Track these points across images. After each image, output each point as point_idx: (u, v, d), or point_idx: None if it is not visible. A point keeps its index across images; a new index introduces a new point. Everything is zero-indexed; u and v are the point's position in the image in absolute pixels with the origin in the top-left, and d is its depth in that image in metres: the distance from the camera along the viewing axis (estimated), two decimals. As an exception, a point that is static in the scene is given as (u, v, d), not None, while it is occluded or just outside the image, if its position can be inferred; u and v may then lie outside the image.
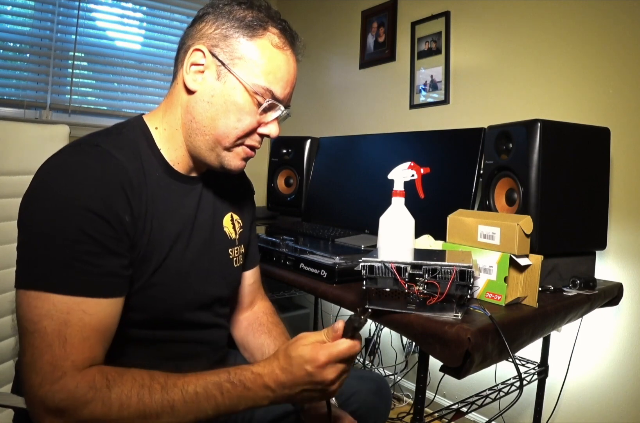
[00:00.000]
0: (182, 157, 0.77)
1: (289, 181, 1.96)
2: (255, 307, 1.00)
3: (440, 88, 1.84)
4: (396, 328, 0.87)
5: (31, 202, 0.63)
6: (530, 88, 1.55)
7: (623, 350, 1.33)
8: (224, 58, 0.71)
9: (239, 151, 0.76)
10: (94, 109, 2.23)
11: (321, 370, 0.62)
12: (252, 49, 0.71)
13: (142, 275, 0.69)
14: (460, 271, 0.75)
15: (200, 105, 0.72)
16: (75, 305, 0.59)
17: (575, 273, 1.14)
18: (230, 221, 0.88)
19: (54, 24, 2.09)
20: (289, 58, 0.75)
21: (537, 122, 1.05)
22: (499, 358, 0.86)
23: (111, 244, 0.63)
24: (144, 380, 0.60)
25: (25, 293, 0.59)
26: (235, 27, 0.71)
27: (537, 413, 1.35)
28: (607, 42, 1.37)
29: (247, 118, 0.73)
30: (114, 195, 0.64)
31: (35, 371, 0.57)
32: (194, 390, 0.60)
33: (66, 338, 0.58)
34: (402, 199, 1.01)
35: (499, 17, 1.65)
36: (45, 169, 0.65)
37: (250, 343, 0.94)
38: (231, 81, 0.71)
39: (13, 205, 1.01)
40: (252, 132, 0.75)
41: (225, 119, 0.72)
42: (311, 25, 2.55)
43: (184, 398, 0.59)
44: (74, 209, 0.60)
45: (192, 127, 0.74)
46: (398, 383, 1.98)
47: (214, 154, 0.75)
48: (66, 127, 1.12)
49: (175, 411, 0.59)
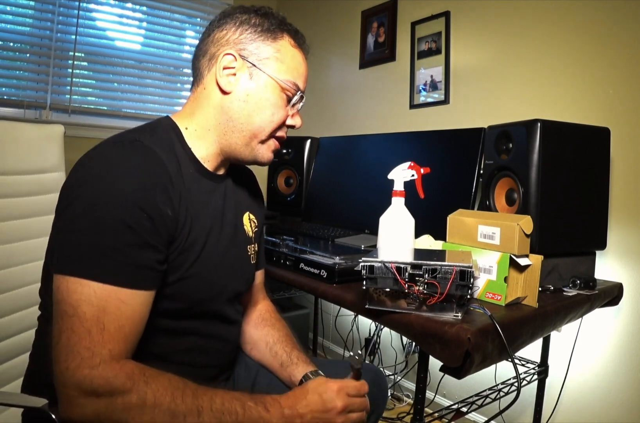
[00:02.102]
0: (213, 156, 0.82)
1: (289, 181, 1.96)
2: (258, 306, 1.02)
3: (440, 88, 1.84)
4: (396, 328, 0.87)
5: (75, 192, 0.65)
6: (530, 88, 1.55)
7: (623, 350, 1.33)
8: (253, 60, 0.78)
9: (271, 143, 0.83)
10: (94, 109, 2.23)
11: (333, 396, 0.72)
12: (277, 50, 0.79)
13: (181, 265, 0.72)
14: (460, 271, 0.75)
15: (236, 104, 0.79)
16: (113, 293, 0.62)
17: (575, 273, 1.14)
18: (248, 219, 0.93)
19: (54, 24, 2.09)
20: (303, 56, 0.84)
21: (537, 122, 1.05)
22: (499, 358, 0.86)
23: (150, 238, 0.65)
24: (178, 383, 0.63)
25: (65, 277, 0.62)
26: (257, 32, 0.79)
27: (537, 413, 1.35)
28: (607, 42, 1.37)
29: (280, 112, 0.81)
30: (155, 189, 0.67)
31: (72, 354, 0.59)
32: (221, 401, 0.64)
33: (104, 324, 0.60)
34: (402, 199, 1.02)
35: (499, 17, 1.66)
36: (87, 162, 0.68)
37: (254, 335, 0.96)
38: (263, 79, 0.79)
39: (13, 205, 1.01)
40: (283, 124, 0.83)
41: (261, 115, 0.79)
42: (311, 25, 2.55)
43: (211, 407, 0.63)
44: (117, 201, 0.63)
45: (229, 126, 0.79)
46: (398, 383, 1.98)
47: (249, 149, 0.81)
48: (61, 127, 1.13)
49: (200, 417, 0.62)
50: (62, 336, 0.60)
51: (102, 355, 0.59)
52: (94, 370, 0.58)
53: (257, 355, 0.95)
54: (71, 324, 0.60)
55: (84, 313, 0.60)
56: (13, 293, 1.01)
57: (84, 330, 0.59)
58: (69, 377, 0.58)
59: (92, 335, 0.60)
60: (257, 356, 0.95)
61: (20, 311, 1.03)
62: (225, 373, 0.89)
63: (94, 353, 0.59)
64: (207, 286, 0.77)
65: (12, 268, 1.01)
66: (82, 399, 0.58)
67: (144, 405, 0.59)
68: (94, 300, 0.61)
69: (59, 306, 0.62)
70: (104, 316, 0.61)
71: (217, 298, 0.81)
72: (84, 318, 0.60)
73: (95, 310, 0.60)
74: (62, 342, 0.60)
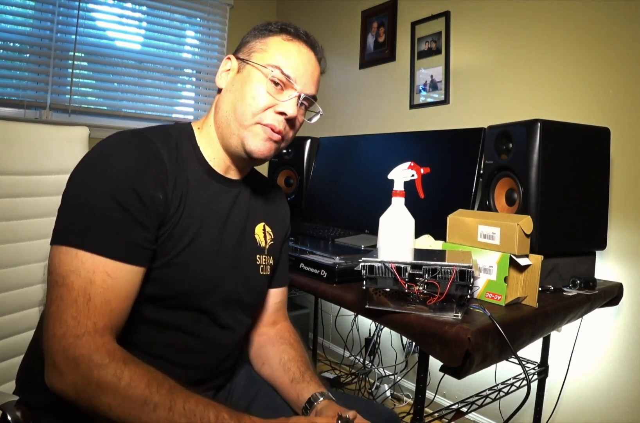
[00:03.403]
0: (217, 152, 0.83)
1: (289, 181, 1.96)
2: (278, 326, 0.98)
3: (440, 88, 1.84)
4: (396, 328, 0.87)
5: (74, 174, 0.71)
6: (530, 88, 1.55)
7: (623, 350, 1.33)
8: (244, 56, 0.82)
9: (258, 131, 0.79)
10: (94, 109, 2.23)
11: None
12: (265, 43, 0.81)
13: (168, 252, 0.73)
14: (460, 271, 0.75)
15: (225, 96, 0.82)
16: (100, 265, 0.65)
17: (575, 273, 1.14)
18: (262, 230, 0.92)
19: (54, 24, 2.09)
20: (299, 48, 0.82)
21: (537, 122, 1.05)
22: (499, 358, 0.86)
23: (139, 216, 0.68)
24: (157, 374, 0.63)
25: (57, 248, 0.66)
26: (255, 35, 0.83)
27: (537, 413, 1.35)
28: (607, 43, 1.37)
29: (262, 97, 0.79)
30: (147, 173, 0.70)
31: (60, 322, 0.62)
32: (196, 403, 0.62)
33: (90, 296, 0.63)
34: (402, 199, 1.02)
35: (499, 17, 1.66)
36: (91, 149, 0.74)
37: (269, 351, 0.92)
38: (248, 69, 0.81)
39: (13, 205, 1.01)
40: (267, 109, 0.79)
41: (242, 101, 0.79)
42: (311, 25, 2.55)
43: (184, 405, 0.61)
44: (108, 181, 0.68)
45: (221, 119, 0.81)
46: (398, 383, 1.98)
47: (236, 137, 0.80)
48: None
49: (171, 412, 0.60)
50: (52, 305, 0.63)
51: (87, 326, 0.61)
52: (77, 339, 0.60)
53: (267, 370, 0.91)
54: (60, 293, 0.63)
55: (72, 283, 0.63)
56: (13, 294, 1.01)
57: (71, 299, 0.62)
58: (55, 343, 0.61)
59: (79, 304, 0.62)
60: (267, 372, 0.91)
61: (22, 311, 1.02)
62: (211, 382, 0.85)
63: (79, 322, 0.61)
64: (195, 279, 0.76)
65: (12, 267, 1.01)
66: (64, 367, 0.60)
67: (118, 384, 0.59)
68: (82, 271, 0.63)
69: (51, 277, 0.65)
70: (90, 288, 0.63)
71: (208, 295, 0.79)
72: (71, 288, 0.63)
73: (82, 281, 0.63)
74: (52, 311, 0.63)
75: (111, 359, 0.61)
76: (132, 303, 0.69)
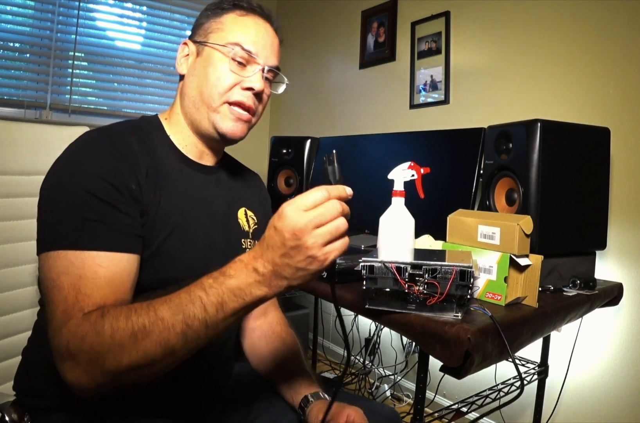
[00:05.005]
0: (189, 139, 0.83)
1: (289, 181, 1.96)
2: (269, 316, 0.98)
3: (440, 88, 1.83)
4: (396, 328, 0.87)
5: (44, 182, 0.69)
6: (530, 88, 1.55)
7: (623, 350, 1.33)
8: (200, 39, 0.81)
9: (226, 112, 0.79)
10: (94, 109, 2.23)
11: (284, 219, 0.53)
12: (220, 22, 0.80)
13: (152, 241, 0.72)
14: (460, 271, 0.75)
15: (188, 81, 0.81)
16: (89, 259, 0.63)
17: (575, 273, 1.14)
18: (244, 214, 0.92)
19: (54, 24, 2.09)
20: (256, 21, 0.81)
21: (537, 122, 1.05)
22: (499, 358, 0.86)
23: (119, 206, 0.67)
24: (135, 304, 0.60)
25: (45, 255, 0.64)
26: (208, 16, 0.82)
27: (537, 413, 1.35)
28: (607, 42, 1.37)
29: (226, 75, 0.78)
30: (118, 165, 0.69)
31: (54, 321, 0.60)
32: (178, 296, 0.57)
33: (80, 289, 0.61)
34: (402, 199, 1.01)
35: (499, 17, 1.65)
36: (60, 155, 0.72)
37: (263, 349, 0.93)
38: (207, 50, 0.80)
39: (13, 205, 1.01)
40: (234, 87, 0.79)
41: (207, 83, 0.79)
42: (311, 25, 2.55)
43: (170, 307, 0.57)
44: (80, 177, 0.66)
45: (189, 105, 0.81)
46: (398, 383, 1.98)
47: (207, 121, 0.80)
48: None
49: (162, 323, 0.56)
50: (47, 310, 0.62)
51: (73, 313, 0.59)
52: (63, 328, 0.58)
53: (263, 370, 0.91)
54: (52, 296, 0.62)
55: (61, 284, 0.61)
56: (12, 293, 1.01)
57: (62, 298, 0.61)
58: (53, 341, 0.59)
59: (68, 300, 0.60)
60: (263, 371, 0.91)
61: (22, 311, 1.02)
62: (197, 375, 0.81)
63: (69, 315, 0.59)
64: (187, 266, 0.75)
65: (12, 267, 1.01)
66: (66, 365, 0.58)
67: (103, 339, 0.56)
68: (72, 269, 0.62)
69: (43, 284, 0.63)
70: (80, 282, 0.61)
71: None
72: (61, 288, 0.61)
73: (72, 278, 0.61)
74: (48, 317, 0.62)
75: (89, 324, 0.57)
76: (130, 286, 0.66)
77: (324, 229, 0.54)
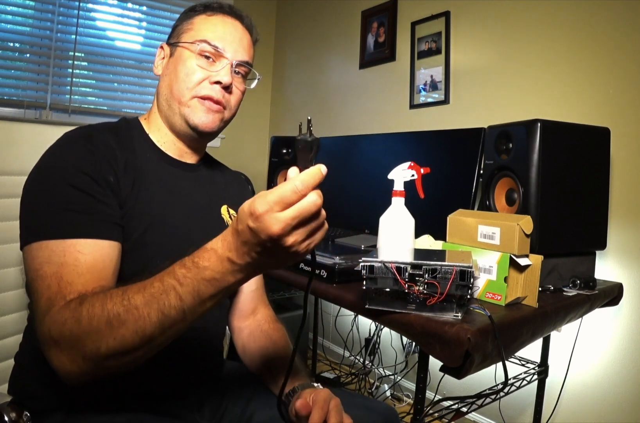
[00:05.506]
0: (166, 136, 0.85)
1: (289, 181, 1.96)
2: (258, 315, 0.98)
3: (440, 88, 1.84)
4: (396, 328, 0.87)
5: (27, 177, 0.72)
6: (530, 88, 1.55)
7: (623, 350, 1.33)
8: (173, 40, 0.85)
9: (196, 105, 0.81)
10: (94, 109, 2.23)
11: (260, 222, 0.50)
12: (191, 22, 0.84)
13: (132, 232, 0.74)
14: (460, 271, 0.75)
15: (161, 81, 0.85)
16: (70, 247, 0.64)
17: (575, 273, 1.14)
18: (227, 211, 0.93)
19: (54, 24, 2.09)
20: (224, 19, 0.84)
21: (537, 122, 1.05)
22: (499, 358, 0.85)
23: (98, 195, 0.69)
24: (112, 290, 0.59)
25: (28, 248, 0.66)
26: (182, 19, 0.86)
27: (537, 413, 1.35)
28: (607, 42, 1.37)
29: (195, 71, 0.81)
30: (95, 158, 0.71)
31: (37, 313, 0.61)
32: (151, 286, 0.56)
33: (62, 276, 0.62)
34: (402, 199, 1.01)
35: (499, 17, 1.66)
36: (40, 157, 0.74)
37: (252, 348, 0.93)
38: (179, 50, 0.83)
39: (13, 205, 1.01)
40: (202, 82, 0.81)
41: (178, 80, 0.81)
42: (311, 25, 2.55)
43: (143, 297, 0.56)
44: (60, 170, 0.69)
45: (162, 103, 0.84)
46: (398, 383, 1.98)
47: (178, 116, 0.82)
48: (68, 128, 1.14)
49: (138, 312, 0.55)
50: (32, 300, 0.63)
51: (56, 301, 0.60)
52: (46, 316, 0.59)
53: (254, 369, 0.91)
54: (36, 286, 0.63)
55: (44, 273, 0.62)
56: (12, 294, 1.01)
57: (45, 286, 0.62)
58: (39, 329, 0.60)
59: (51, 288, 0.61)
60: (255, 370, 0.92)
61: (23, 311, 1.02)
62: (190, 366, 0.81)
63: (52, 303, 0.60)
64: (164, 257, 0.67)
65: (12, 268, 1.01)
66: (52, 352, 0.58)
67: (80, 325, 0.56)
68: (54, 258, 0.63)
69: (27, 276, 0.65)
70: (62, 270, 0.62)
71: None
72: (44, 277, 0.62)
73: (54, 266, 0.63)
74: (34, 305, 0.63)
75: (69, 310, 0.58)
76: (112, 273, 0.67)
77: (303, 229, 0.52)
